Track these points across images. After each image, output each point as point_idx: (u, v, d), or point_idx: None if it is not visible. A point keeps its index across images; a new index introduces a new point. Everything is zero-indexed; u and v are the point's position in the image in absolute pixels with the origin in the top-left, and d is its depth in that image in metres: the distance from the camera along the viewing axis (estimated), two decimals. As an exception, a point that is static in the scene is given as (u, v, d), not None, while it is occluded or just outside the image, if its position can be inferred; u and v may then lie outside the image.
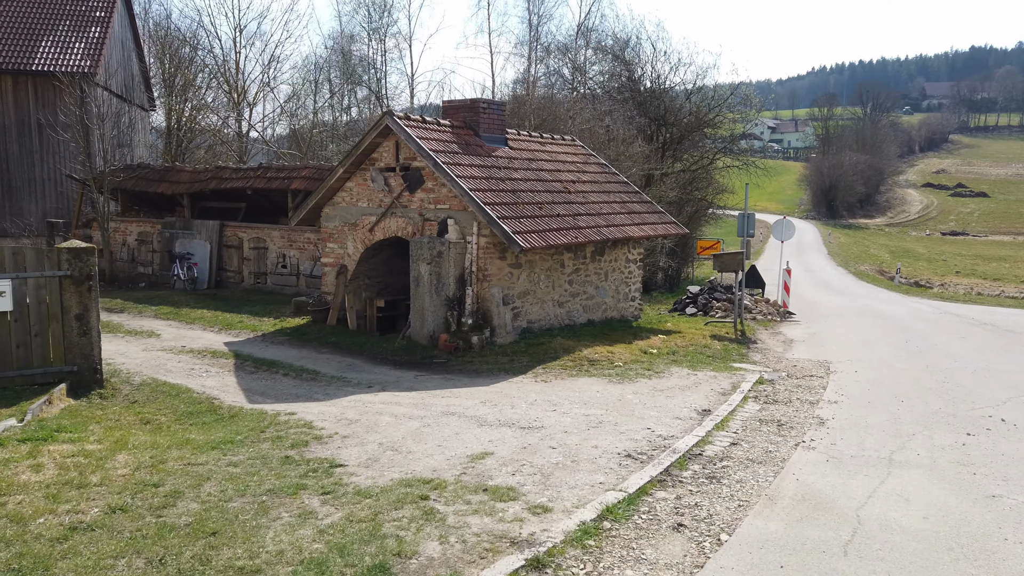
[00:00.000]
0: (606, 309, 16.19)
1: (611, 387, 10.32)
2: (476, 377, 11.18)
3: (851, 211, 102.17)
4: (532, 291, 14.04)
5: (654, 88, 36.75)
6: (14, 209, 26.75)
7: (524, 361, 12.03)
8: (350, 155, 14.48)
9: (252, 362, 12.03)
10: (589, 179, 16.79)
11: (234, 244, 20.88)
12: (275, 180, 20.14)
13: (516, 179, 14.52)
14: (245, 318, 15.93)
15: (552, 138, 17.80)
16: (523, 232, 12.76)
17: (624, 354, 12.74)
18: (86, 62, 26.95)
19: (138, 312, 16.58)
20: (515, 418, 8.39)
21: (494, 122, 15.51)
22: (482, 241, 13.06)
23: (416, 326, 13.20)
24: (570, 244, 13.68)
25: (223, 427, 8.22)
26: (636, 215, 16.51)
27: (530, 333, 13.80)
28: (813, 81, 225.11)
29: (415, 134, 13.48)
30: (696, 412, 8.89)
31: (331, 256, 15.39)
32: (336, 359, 12.47)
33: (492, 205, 12.91)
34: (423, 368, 11.91)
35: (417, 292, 13.07)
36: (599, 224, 14.91)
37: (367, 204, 14.66)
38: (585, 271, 15.43)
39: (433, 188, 13.66)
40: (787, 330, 17.86)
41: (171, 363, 11.88)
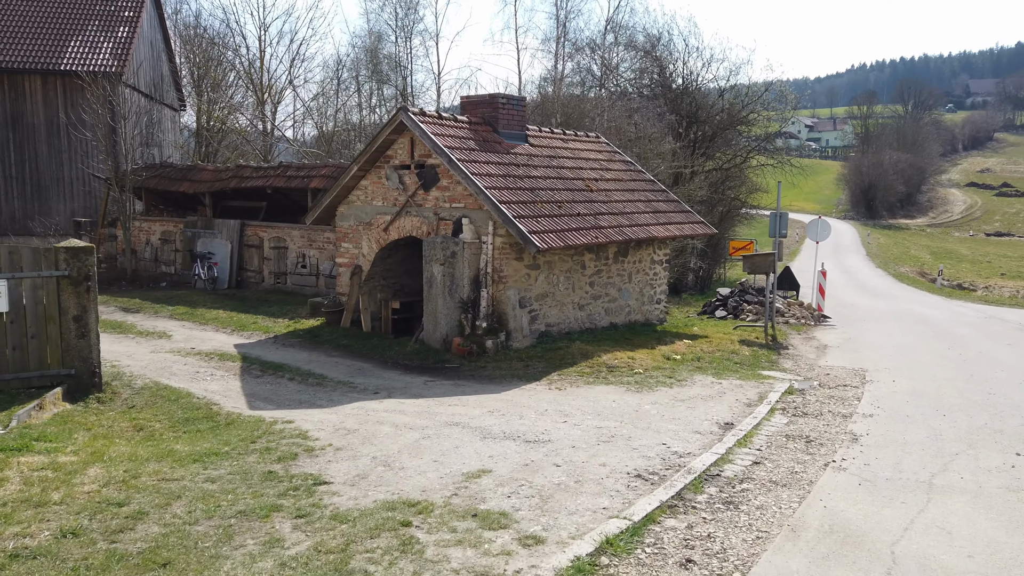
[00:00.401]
0: (630, 312, 15.58)
1: (628, 396, 9.73)
2: (488, 384, 10.67)
3: (891, 211, 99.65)
4: (551, 293, 13.49)
5: (686, 85, 35.92)
6: (43, 209, 26.93)
7: (539, 367, 11.49)
8: (364, 152, 14.08)
9: (259, 365, 11.67)
10: (613, 177, 16.18)
11: (255, 244, 20.66)
12: (294, 179, 19.86)
13: (535, 177, 13.98)
14: (259, 319, 15.62)
15: (575, 135, 17.23)
16: (540, 232, 12.22)
17: (645, 360, 12.13)
18: (113, 62, 27.03)
19: (154, 312, 16.39)
20: (521, 430, 7.86)
21: (514, 118, 14.99)
22: (498, 241, 12.55)
23: (429, 329, 12.74)
24: (591, 244, 13.11)
25: (214, 436, 7.82)
26: (662, 214, 15.86)
27: (548, 337, 13.25)
28: (852, 79, 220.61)
29: (430, 130, 13.02)
30: (717, 425, 8.27)
31: (346, 256, 15.01)
32: (346, 363, 12.06)
33: (508, 203, 12.39)
34: (434, 373, 11.44)
35: (430, 294, 12.61)
36: (622, 224, 14.30)
37: (382, 203, 14.24)
38: (607, 272, 14.83)
39: (448, 186, 13.18)
40: (821, 335, 17.06)
41: (177, 366, 11.58)
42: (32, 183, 27.00)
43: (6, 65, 26.12)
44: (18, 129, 26.65)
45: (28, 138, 26.66)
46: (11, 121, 26.59)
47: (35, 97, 26.56)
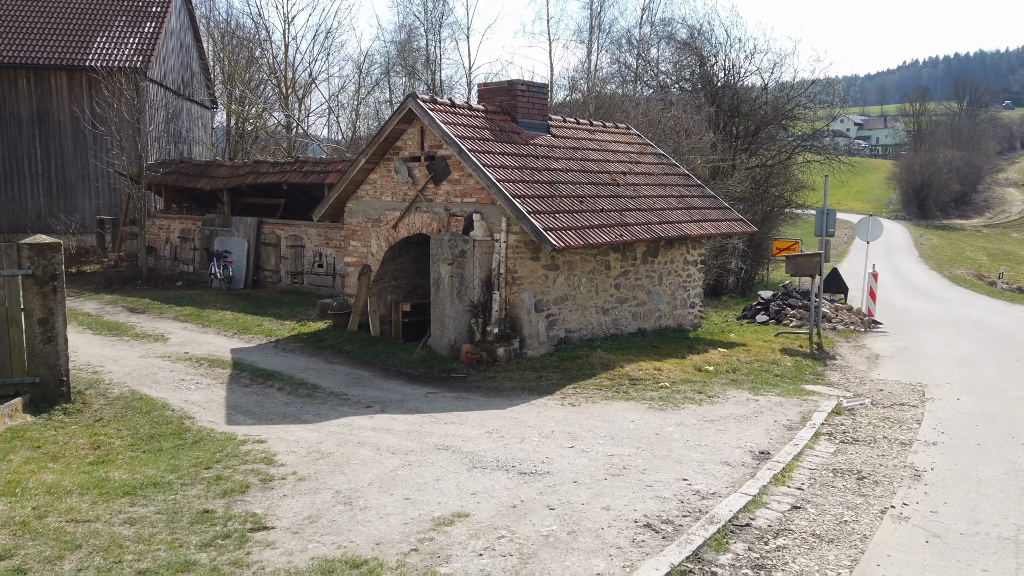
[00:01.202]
0: (660, 317, 14.34)
1: (650, 415, 8.54)
2: (494, 397, 9.58)
3: (945, 211, 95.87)
4: (571, 296, 12.35)
5: (727, 78, 34.33)
6: (68, 206, 26.65)
7: (553, 378, 10.35)
8: (372, 143, 13.10)
9: (250, 373, 10.75)
10: (643, 171, 14.95)
11: (272, 242, 19.90)
12: (310, 174, 19.04)
13: (555, 169, 12.85)
14: (266, 321, 14.78)
15: (603, 125, 16.03)
16: (558, 229, 11.09)
17: (674, 372, 10.90)
18: (138, 57, 26.64)
19: (159, 313, 15.67)
20: (519, 458, 6.75)
21: (534, 106, 13.87)
22: (512, 239, 11.46)
23: (436, 335, 11.70)
24: (615, 243, 11.92)
25: (170, 458, 6.88)
26: (696, 211, 14.58)
27: (567, 344, 12.11)
28: (904, 75, 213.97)
29: (439, 119, 11.98)
30: (751, 455, 7.05)
31: (354, 255, 14.06)
32: (344, 371, 11.08)
33: (522, 198, 11.29)
34: (438, 384, 10.39)
35: (437, 296, 11.57)
36: (651, 221, 13.08)
37: (391, 198, 13.25)
38: (635, 274, 13.62)
39: (459, 179, 12.13)
40: (872, 343, 15.58)
41: (163, 372, 10.73)
42: (57, 180, 26.75)
43: (32, 61, 25.89)
44: (44, 126, 26.41)
45: (54, 135, 26.41)
46: (37, 118, 26.36)
47: (60, 94, 26.28)
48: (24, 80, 26.21)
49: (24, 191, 26.57)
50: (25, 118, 26.32)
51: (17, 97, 26.23)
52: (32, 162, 26.56)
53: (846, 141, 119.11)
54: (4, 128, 26.20)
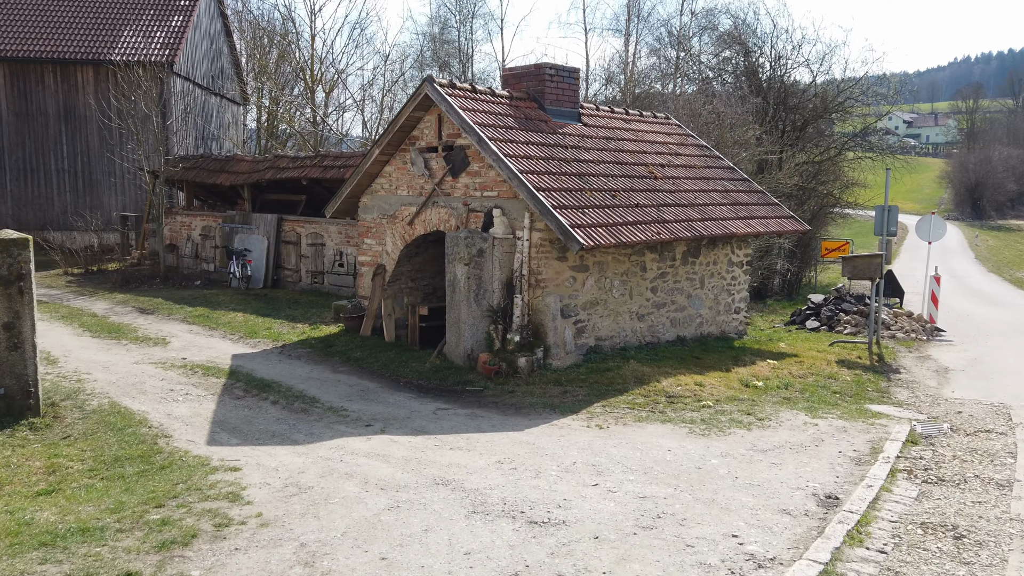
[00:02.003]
0: (701, 323, 13.04)
1: (690, 443, 7.31)
2: (511, 415, 8.43)
3: (1000, 211, 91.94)
4: (602, 300, 11.14)
5: (773, 70, 32.65)
6: (94, 203, 26.21)
7: (580, 394, 9.16)
8: (387, 132, 12.05)
9: (246, 383, 9.77)
10: (683, 163, 13.66)
11: (292, 240, 19.03)
12: (331, 169, 18.10)
13: (586, 161, 11.65)
14: (276, 324, 13.84)
15: (640, 114, 14.77)
16: (587, 226, 9.90)
17: (717, 387, 9.63)
18: (165, 51, 26.09)
19: (167, 314, 14.85)
20: (532, 499, 5.59)
21: (564, 93, 12.68)
22: (535, 237, 10.30)
23: (451, 342, 10.59)
24: (651, 242, 10.68)
25: (122, 490, 5.88)
26: (742, 207, 13.24)
27: (598, 353, 10.90)
28: (955, 72, 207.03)
29: (457, 104, 10.88)
30: (815, 500, 5.79)
31: (368, 254, 13.04)
32: (349, 382, 10.03)
33: (548, 191, 10.12)
34: (451, 398, 9.28)
35: (453, 300, 10.46)
36: (692, 217, 11.80)
37: (407, 192, 12.20)
38: (674, 276, 12.35)
39: (479, 171, 11.01)
40: (938, 353, 14.05)
41: (152, 381, 9.80)
42: (83, 176, 26.34)
43: (58, 56, 25.50)
44: (70, 121, 26.02)
45: (80, 130, 26.00)
46: (64, 113, 25.98)
47: (87, 88, 25.84)
48: (50, 75, 25.85)
49: (50, 187, 26.22)
50: (51, 113, 25.96)
51: (44, 92, 25.88)
52: (58, 158, 26.19)
53: (895, 139, 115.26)
54: (31, 123, 25.88)
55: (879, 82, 31.32)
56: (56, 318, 14.11)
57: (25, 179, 26.07)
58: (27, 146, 25.90)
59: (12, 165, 25.89)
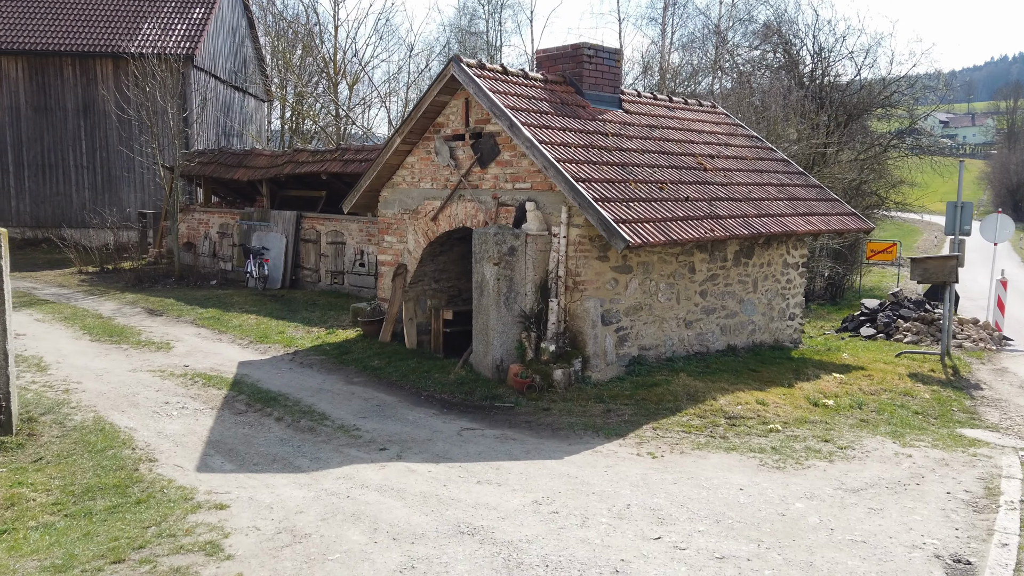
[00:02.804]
0: (753, 331, 11.80)
1: (764, 478, 6.12)
2: (547, 438, 7.30)
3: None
4: (647, 305, 9.97)
5: (815, 63, 31.13)
6: (113, 199, 25.56)
7: (626, 413, 8.00)
8: (409, 118, 10.99)
9: (250, 395, 8.75)
10: (734, 154, 12.43)
11: (311, 238, 18.07)
12: (352, 163, 17.11)
13: (629, 150, 10.49)
14: (290, 328, 12.85)
15: (684, 102, 13.56)
16: (632, 221, 8.74)
17: (783, 407, 8.41)
18: (186, 44, 25.35)
19: (176, 316, 13.93)
20: (579, 558, 4.46)
21: (603, 76, 11.53)
22: (574, 234, 9.15)
23: (479, 351, 9.48)
24: (703, 240, 9.48)
25: (80, 534, 4.87)
26: (800, 202, 11.98)
27: (642, 365, 9.73)
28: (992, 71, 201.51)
29: (487, 86, 9.78)
30: (941, 564, 4.58)
31: (388, 252, 11.99)
32: (364, 395, 8.97)
33: (588, 182, 8.98)
34: (478, 416, 8.17)
35: (480, 304, 9.35)
36: (747, 213, 10.57)
37: (431, 184, 11.12)
38: (725, 278, 11.13)
39: (511, 160, 9.90)
40: (1015, 365, 12.65)
41: (147, 392, 8.82)
42: (103, 173, 25.68)
43: (78, 48, 24.87)
44: (89, 116, 25.37)
45: (99, 125, 25.33)
46: (83, 108, 25.34)
47: (106, 82, 25.15)
48: (70, 68, 25.23)
49: (69, 183, 25.61)
50: (70, 108, 25.35)
51: (62, 86, 25.27)
52: (76, 154, 25.58)
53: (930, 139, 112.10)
54: (49, 118, 25.28)
55: (930, 77, 29.60)
56: (59, 319, 13.26)
57: (43, 175, 25.48)
58: (45, 141, 25.31)
59: (30, 161, 25.31)
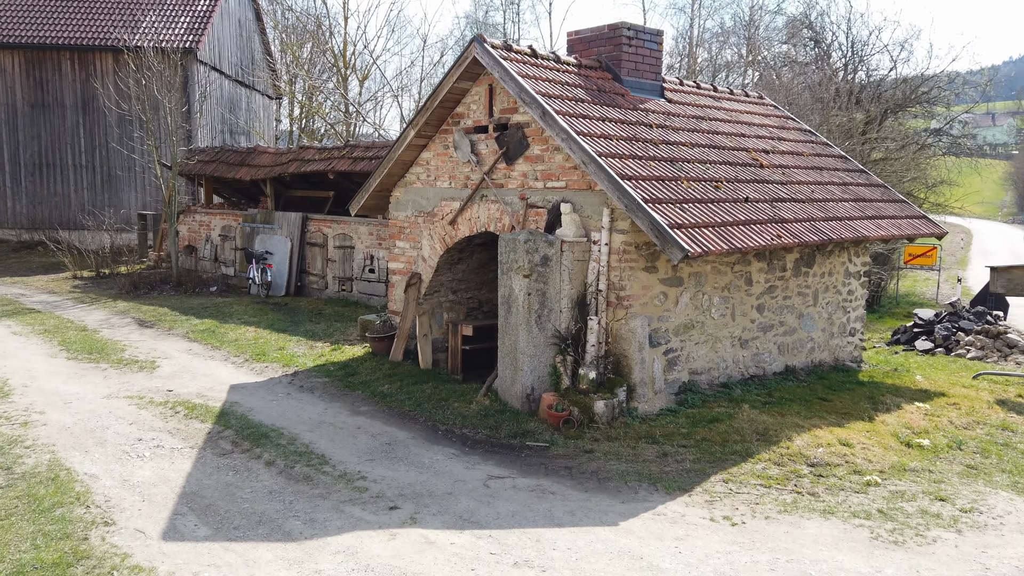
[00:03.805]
0: (812, 349, 10.41)
1: (885, 561, 4.76)
2: (593, 491, 5.97)
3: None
4: (699, 323, 8.61)
5: (849, 57, 29.64)
6: (113, 200, 24.41)
7: (686, 458, 6.65)
8: (424, 108, 9.67)
9: (238, 430, 7.45)
10: (789, 150, 11.05)
11: (318, 242, 16.81)
12: (361, 160, 15.83)
13: (676, 143, 9.13)
14: (292, 343, 11.57)
15: (730, 92, 12.18)
16: (689, 226, 7.39)
17: (871, 448, 7.03)
18: (189, 37, 24.18)
19: (168, 328, 12.69)
20: None
21: (644, 61, 10.18)
22: (617, 240, 7.81)
23: (505, 377, 8.14)
24: (769, 247, 8.11)
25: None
26: (867, 204, 10.58)
27: (694, 393, 8.37)
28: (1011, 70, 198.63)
29: (515, 70, 8.45)
30: None
31: (400, 260, 10.69)
32: (372, 429, 7.65)
33: (635, 180, 7.64)
34: (506, 457, 6.84)
35: (508, 323, 8.01)
36: (813, 216, 9.19)
37: (449, 183, 9.81)
38: (784, 290, 9.76)
39: (541, 155, 8.57)
40: (1105, 389, 11.16)
41: (119, 426, 7.54)
42: (102, 172, 24.54)
43: (76, 42, 23.73)
44: (88, 113, 24.22)
45: (99, 122, 24.17)
46: (82, 105, 24.20)
47: (106, 78, 24.01)
48: (68, 63, 24.11)
49: (67, 183, 24.49)
50: (68, 104, 24.22)
51: (61, 81, 24.15)
52: (75, 152, 24.45)
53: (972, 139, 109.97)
54: (47, 115, 24.17)
55: (972, 73, 28.02)
56: (37, 332, 12.04)
57: (40, 175, 24.38)
58: (43, 139, 24.21)
59: (27, 160, 24.21)
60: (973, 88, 30.24)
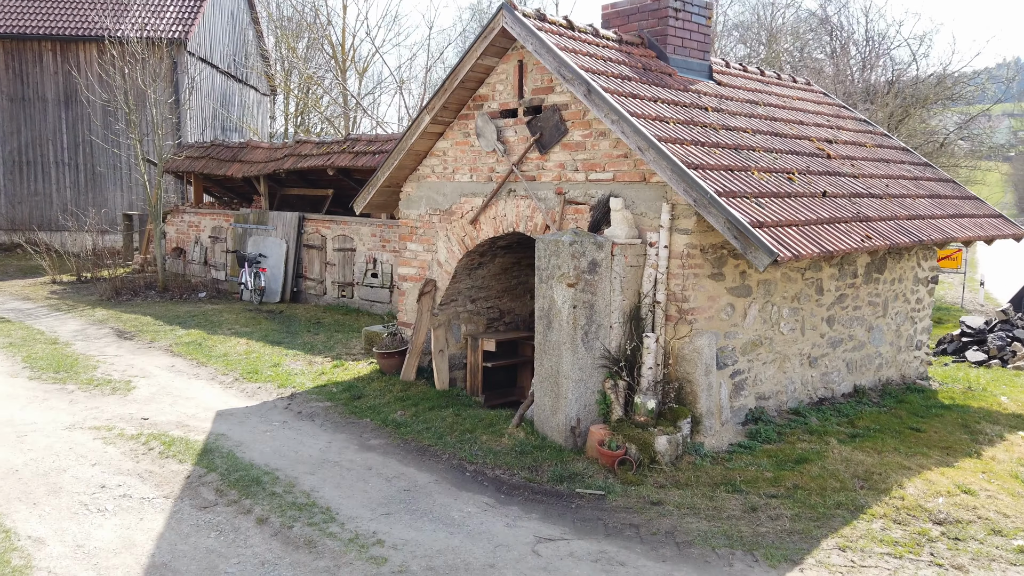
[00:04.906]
0: (880, 365, 9.14)
1: None
2: (674, 561, 4.69)
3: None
4: (767, 340, 7.34)
5: (866, 52, 28.49)
6: (98, 199, 23.03)
7: (783, 513, 5.35)
8: (442, 90, 8.36)
9: (224, 474, 6.14)
10: (850, 139, 9.79)
11: (316, 244, 15.50)
12: (364, 155, 14.52)
13: (737, 129, 7.86)
14: (288, 357, 10.26)
15: (777, 76, 10.92)
16: (770, 224, 6.11)
17: (996, 495, 5.75)
18: (177, 27, 22.82)
19: (150, 340, 11.35)
20: None
21: (692, 37, 8.91)
22: (680, 242, 6.52)
23: (544, 405, 6.82)
24: (860, 250, 6.83)
25: None
26: (944, 201, 9.33)
27: (765, 422, 7.09)
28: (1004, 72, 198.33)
29: (553, 42, 7.17)
30: None
31: (412, 264, 9.38)
32: (386, 470, 6.34)
33: (702, 170, 6.36)
34: (554, 509, 5.54)
35: (548, 340, 6.70)
36: (896, 214, 7.93)
37: (469, 177, 8.51)
38: (854, 299, 8.49)
39: (583, 142, 7.28)
40: None
41: (78, 468, 6.22)
42: (86, 170, 23.16)
43: (59, 32, 22.36)
44: (71, 107, 22.84)
45: (82, 118, 22.78)
46: (64, 99, 22.82)
47: (91, 69, 22.64)
48: (50, 54, 22.73)
49: (49, 182, 23.09)
50: (50, 98, 22.84)
51: (42, 74, 22.77)
52: (57, 149, 23.06)
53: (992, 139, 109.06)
54: (27, 109, 22.78)
55: (1000, 67, 26.87)
56: (1, 346, 10.69)
57: (20, 173, 22.99)
58: (23, 135, 22.82)
59: (6, 157, 22.82)
60: (997, 83, 29.06)
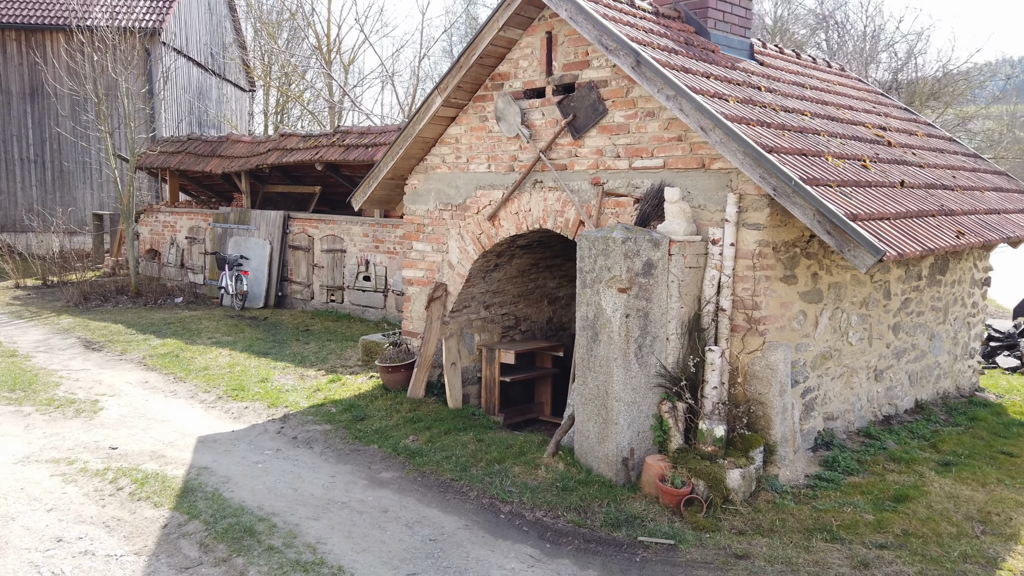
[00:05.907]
0: (938, 377, 8.24)
1: None
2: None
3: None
4: (836, 351, 6.38)
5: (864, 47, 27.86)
6: (66, 198, 21.67)
7: (904, 573, 4.38)
8: (455, 68, 7.31)
9: (208, 519, 5.05)
10: (900, 127, 8.89)
11: (302, 245, 14.36)
12: (355, 149, 13.43)
13: (795, 111, 6.91)
14: (277, 370, 9.16)
15: (813, 60, 10.01)
16: (865, 218, 5.15)
17: None
18: (151, 16, 21.54)
19: (120, 351, 10.19)
20: None
21: (733, 12, 7.97)
22: (749, 239, 5.54)
23: (588, 432, 5.79)
24: (957, 248, 5.89)
25: None
26: (1009, 195, 8.48)
27: (839, 448, 6.14)
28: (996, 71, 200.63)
29: (593, 9, 6.16)
30: None
31: (419, 266, 8.32)
32: (404, 512, 5.29)
33: (777, 154, 5.39)
34: (613, 563, 4.53)
35: (594, 355, 5.67)
36: (976, 208, 7.02)
37: (487, 167, 7.48)
38: (917, 304, 7.58)
39: (626, 124, 6.27)
40: None
41: (28, 516, 5.10)
42: (53, 167, 21.78)
43: (23, 21, 21.00)
44: (37, 101, 21.47)
45: (49, 112, 21.43)
46: (29, 92, 21.44)
47: (58, 61, 21.29)
48: (14, 44, 21.35)
49: (13, 180, 21.69)
50: (15, 91, 21.45)
51: (5, 65, 21.39)
52: (22, 145, 21.66)
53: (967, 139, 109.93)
54: (-11, 103, 21.39)
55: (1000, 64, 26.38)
56: (-50, 359, 9.48)
57: (-19, 171, 21.58)
58: (-16, 130, 21.42)
59: (-34, 154, 21.40)
60: (995, 81, 28.58)
